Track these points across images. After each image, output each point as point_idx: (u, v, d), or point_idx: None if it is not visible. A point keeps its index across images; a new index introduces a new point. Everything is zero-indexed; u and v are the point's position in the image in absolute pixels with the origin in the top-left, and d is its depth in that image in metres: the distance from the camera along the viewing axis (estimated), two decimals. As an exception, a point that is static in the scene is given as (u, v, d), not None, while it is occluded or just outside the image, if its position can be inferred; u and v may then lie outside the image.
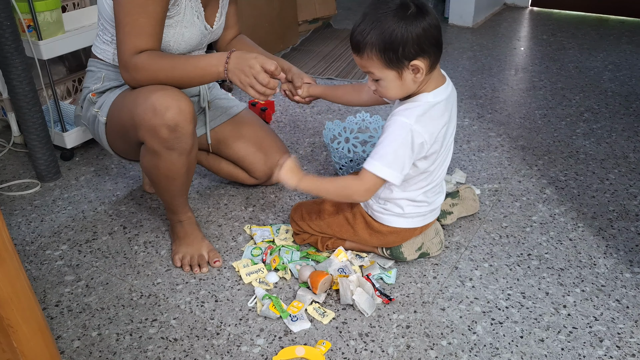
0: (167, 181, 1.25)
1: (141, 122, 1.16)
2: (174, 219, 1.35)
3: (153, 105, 1.14)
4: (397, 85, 1.09)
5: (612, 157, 1.73)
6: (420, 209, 1.22)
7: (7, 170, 1.76)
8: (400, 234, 1.25)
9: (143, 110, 1.15)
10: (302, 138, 1.91)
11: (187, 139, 1.18)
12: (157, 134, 1.15)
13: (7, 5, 1.43)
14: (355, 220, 1.26)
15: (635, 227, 1.42)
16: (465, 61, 2.57)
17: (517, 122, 1.98)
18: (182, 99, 1.16)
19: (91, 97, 1.33)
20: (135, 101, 1.18)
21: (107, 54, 1.31)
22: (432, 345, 1.10)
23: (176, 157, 1.20)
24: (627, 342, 1.10)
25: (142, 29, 1.16)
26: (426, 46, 1.06)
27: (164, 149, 1.17)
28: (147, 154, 1.21)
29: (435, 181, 1.21)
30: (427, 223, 1.26)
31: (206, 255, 1.32)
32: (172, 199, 1.31)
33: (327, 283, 1.20)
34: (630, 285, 1.23)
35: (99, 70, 1.34)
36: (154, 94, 1.15)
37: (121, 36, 1.17)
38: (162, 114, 1.13)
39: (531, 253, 1.34)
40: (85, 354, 1.11)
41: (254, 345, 1.11)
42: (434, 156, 1.14)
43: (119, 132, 1.28)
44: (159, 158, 1.20)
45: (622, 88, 2.22)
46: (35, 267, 1.34)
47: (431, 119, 1.10)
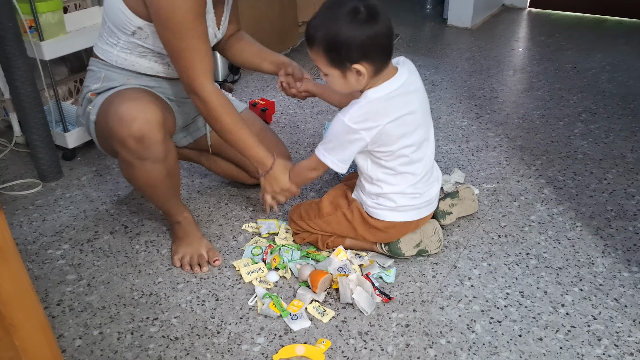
0: (149, 189, 1.26)
1: (111, 133, 1.16)
2: (171, 221, 1.36)
3: (120, 116, 1.14)
4: (342, 82, 1.13)
5: (609, 157, 1.74)
6: (414, 201, 1.23)
7: (9, 170, 1.76)
8: (396, 228, 1.26)
9: (112, 120, 1.15)
10: (302, 138, 1.92)
11: (157, 148, 1.17)
12: (125, 145, 1.15)
13: (9, 6, 1.44)
14: (353, 216, 1.27)
15: (633, 226, 1.43)
16: (463, 62, 2.58)
17: (515, 122, 1.99)
18: (149, 110, 1.15)
19: (90, 97, 1.33)
20: (109, 110, 1.18)
21: (110, 55, 1.31)
22: (431, 344, 1.11)
23: (150, 165, 1.19)
24: (626, 341, 1.10)
25: (202, 52, 1.17)
26: (370, 52, 1.07)
27: (136, 159, 1.18)
28: (122, 163, 1.22)
29: (421, 172, 1.22)
30: (422, 216, 1.27)
31: (205, 255, 1.33)
32: (162, 204, 1.31)
33: (326, 282, 1.21)
34: (628, 285, 1.24)
35: (100, 70, 1.33)
36: (123, 104, 1.16)
37: (184, 62, 1.16)
38: (128, 125, 1.13)
39: (530, 252, 1.35)
40: (87, 352, 1.11)
41: (255, 344, 1.12)
42: (402, 141, 1.15)
43: (103, 134, 1.27)
44: (134, 168, 1.20)
45: (620, 88, 2.23)
46: (37, 266, 1.35)
47: (373, 114, 1.12)
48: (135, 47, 1.25)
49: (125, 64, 1.29)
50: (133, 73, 1.30)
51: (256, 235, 1.43)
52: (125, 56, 1.28)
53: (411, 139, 1.17)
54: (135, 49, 1.26)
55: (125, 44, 1.27)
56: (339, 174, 1.64)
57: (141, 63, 1.28)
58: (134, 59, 1.27)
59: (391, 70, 1.14)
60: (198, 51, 1.17)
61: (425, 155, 1.22)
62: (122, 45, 1.27)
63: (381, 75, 1.12)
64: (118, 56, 1.30)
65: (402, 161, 1.19)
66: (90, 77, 1.35)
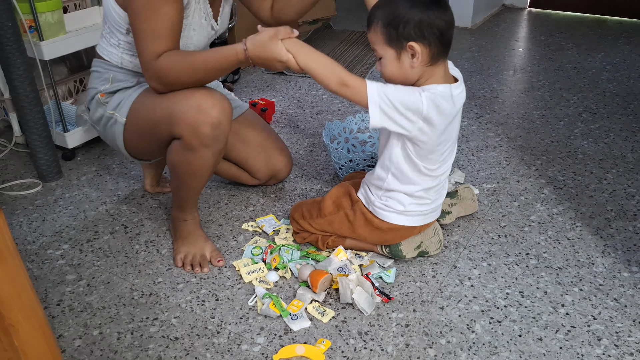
0: (192, 178, 1.26)
1: (182, 118, 1.16)
2: (179, 217, 1.36)
3: (198, 103, 1.15)
4: (395, 66, 1.09)
5: (610, 157, 1.74)
6: (422, 207, 1.23)
7: (8, 170, 1.76)
8: (399, 232, 1.25)
9: (186, 107, 1.16)
10: (302, 138, 1.92)
11: (224, 139, 1.20)
12: (199, 131, 1.16)
13: (9, 6, 1.44)
14: (355, 217, 1.27)
15: (633, 226, 1.43)
16: (464, 62, 2.58)
17: (515, 122, 1.99)
18: (225, 100, 1.18)
19: (100, 98, 1.32)
20: (174, 99, 1.18)
21: (114, 56, 1.31)
22: (431, 343, 1.11)
23: (210, 155, 1.21)
24: (625, 341, 1.10)
25: (158, 33, 1.16)
26: (427, 33, 1.05)
27: (202, 146, 1.18)
28: (181, 149, 1.21)
29: (438, 178, 1.21)
30: (427, 222, 1.27)
31: (208, 256, 1.33)
32: (188, 196, 1.32)
33: (326, 282, 1.21)
34: (628, 285, 1.24)
35: (106, 71, 1.33)
36: (198, 92, 1.17)
37: (139, 44, 1.17)
38: (207, 111, 1.15)
39: (529, 252, 1.35)
40: (87, 352, 1.11)
41: (254, 344, 1.12)
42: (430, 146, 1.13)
43: (142, 130, 1.26)
44: (194, 154, 1.20)
45: (620, 88, 2.23)
46: (36, 266, 1.35)
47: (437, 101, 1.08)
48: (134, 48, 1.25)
49: (132, 67, 1.30)
50: (139, 74, 1.31)
51: (256, 235, 1.43)
52: (130, 58, 1.29)
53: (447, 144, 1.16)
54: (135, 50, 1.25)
55: (125, 44, 1.27)
56: (338, 173, 1.64)
57: None
58: (137, 61, 1.27)
59: (449, 75, 1.13)
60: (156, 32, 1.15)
61: (446, 164, 1.21)
62: (124, 46, 1.27)
63: (437, 74, 1.10)
64: (123, 58, 1.30)
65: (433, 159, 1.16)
66: (96, 78, 1.34)
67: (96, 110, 1.34)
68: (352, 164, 1.56)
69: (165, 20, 1.16)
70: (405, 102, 1.07)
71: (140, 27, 1.15)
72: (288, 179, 1.66)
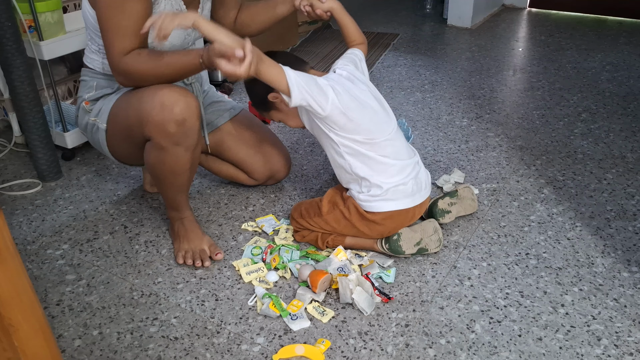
0: (172, 177, 1.26)
1: (148, 118, 1.17)
2: (175, 217, 1.36)
3: (161, 101, 1.15)
4: (285, 117, 1.32)
5: (609, 157, 1.74)
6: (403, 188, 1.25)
7: (8, 170, 1.76)
8: (394, 219, 1.26)
9: (150, 106, 1.16)
10: (302, 138, 1.92)
11: (193, 134, 1.20)
12: (164, 129, 1.16)
13: (8, 6, 1.44)
14: (350, 213, 1.28)
15: (632, 226, 1.43)
16: (463, 62, 2.58)
17: (515, 122, 1.99)
18: (188, 95, 1.18)
19: (84, 106, 1.35)
20: (141, 99, 1.19)
21: (97, 63, 1.33)
22: (430, 344, 1.11)
23: (182, 152, 1.21)
24: (625, 341, 1.10)
25: (125, 30, 1.16)
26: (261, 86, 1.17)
27: (171, 144, 1.19)
28: (153, 150, 1.22)
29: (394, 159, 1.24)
30: (416, 204, 1.28)
31: (207, 250, 1.33)
32: (175, 195, 1.32)
33: (326, 282, 1.21)
34: (628, 285, 1.24)
35: (91, 79, 1.35)
36: (161, 90, 1.16)
37: (106, 41, 1.18)
38: (170, 108, 1.15)
39: (529, 252, 1.35)
40: (86, 352, 1.11)
41: (254, 344, 1.12)
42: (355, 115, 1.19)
43: (121, 134, 1.28)
44: (166, 153, 1.20)
45: (620, 88, 2.23)
46: (36, 266, 1.35)
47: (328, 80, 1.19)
48: None
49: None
50: None
51: (256, 235, 1.43)
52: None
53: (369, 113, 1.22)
54: None
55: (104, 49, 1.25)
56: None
57: None
58: None
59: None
60: (122, 30, 1.15)
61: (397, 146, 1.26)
62: (103, 51, 1.26)
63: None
64: (104, 63, 1.31)
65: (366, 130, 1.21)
66: (83, 86, 1.37)
67: (83, 118, 1.36)
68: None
69: (130, 17, 1.16)
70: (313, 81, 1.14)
71: (107, 25, 1.16)
72: (287, 179, 1.66)
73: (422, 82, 2.35)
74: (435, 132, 1.93)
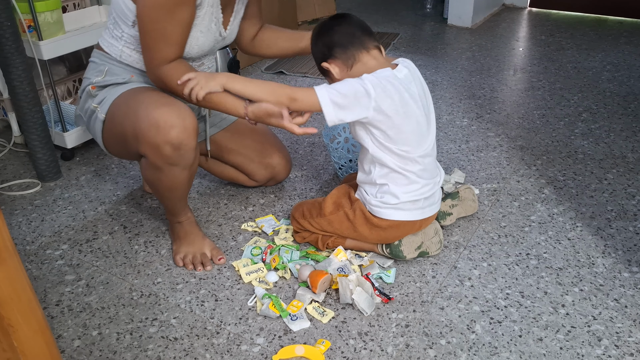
0: (169, 192, 1.26)
1: (143, 138, 1.14)
2: (173, 220, 1.36)
3: (157, 122, 1.12)
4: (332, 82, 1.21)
5: (610, 157, 1.74)
6: (417, 198, 1.22)
7: (7, 170, 1.76)
8: (399, 228, 1.25)
9: (146, 126, 1.13)
10: (302, 138, 1.92)
11: (190, 155, 1.18)
12: (159, 152, 1.14)
13: (8, 6, 1.44)
14: (355, 216, 1.27)
15: (633, 226, 1.42)
16: (464, 61, 2.58)
17: (515, 122, 1.99)
18: (186, 117, 1.14)
19: (91, 90, 1.29)
20: (138, 113, 1.15)
21: (115, 49, 1.28)
22: (431, 344, 1.11)
23: (179, 171, 1.20)
24: (626, 342, 1.10)
25: (170, 38, 1.15)
26: (327, 51, 1.20)
27: (166, 164, 1.17)
28: (148, 167, 1.20)
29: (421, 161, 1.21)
30: (426, 217, 1.26)
31: (209, 254, 1.33)
32: (173, 205, 1.31)
33: (326, 282, 1.21)
34: (628, 285, 1.24)
35: (103, 63, 1.30)
36: (158, 109, 1.13)
37: (148, 43, 1.16)
38: (166, 132, 1.11)
39: (530, 252, 1.34)
40: (86, 353, 1.11)
41: (254, 344, 1.11)
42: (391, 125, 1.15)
43: (117, 136, 1.25)
44: (161, 173, 1.19)
45: (621, 88, 2.22)
46: (35, 266, 1.35)
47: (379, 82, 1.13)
48: (137, 42, 1.24)
49: (130, 61, 1.28)
50: (137, 70, 1.29)
51: (255, 235, 1.43)
52: (130, 52, 1.27)
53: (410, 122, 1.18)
54: (138, 45, 1.24)
55: (128, 37, 1.25)
56: (338, 173, 1.63)
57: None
58: (138, 56, 1.26)
59: (389, 62, 1.20)
60: (167, 37, 1.15)
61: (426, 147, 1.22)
62: (127, 39, 1.25)
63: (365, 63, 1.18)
64: (123, 51, 1.27)
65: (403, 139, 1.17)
66: (91, 69, 1.32)
67: (85, 101, 1.32)
68: (352, 164, 1.56)
69: (178, 24, 1.15)
70: (352, 90, 1.12)
71: (152, 28, 1.14)
72: (288, 179, 1.66)
73: (422, 82, 2.35)
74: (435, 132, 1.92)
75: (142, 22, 1.15)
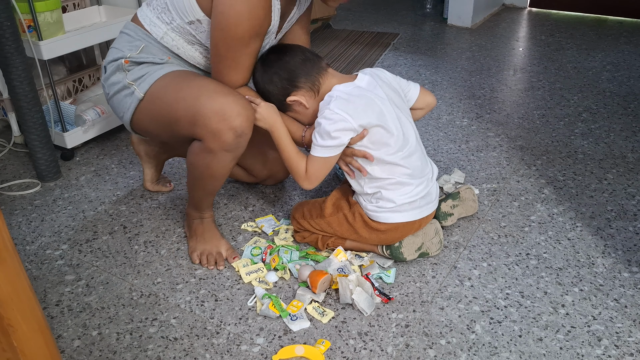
0: (209, 180, 1.25)
1: (205, 122, 1.14)
2: (195, 215, 1.35)
3: (222, 109, 1.13)
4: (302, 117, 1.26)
5: (610, 157, 1.74)
6: (413, 199, 1.23)
7: (7, 170, 1.76)
8: (398, 230, 1.25)
9: (210, 111, 1.13)
10: (302, 138, 1.92)
11: (245, 145, 1.20)
12: (221, 137, 1.14)
13: (8, 6, 1.44)
14: (354, 219, 1.27)
15: (633, 226, 1.42)
16: (464, 61, 2.58)
17: (515, 122, 1.99)
18: (249, 107, 1.17)
19: (124, 64, 1.26)
20: (198, 98, 1.15)
21: (158, 29, 1.25)
22: (431, 344, 1.11)
23: (230, 159, 1.20)
24: (626, 342, 1.10)
25: (243, 66, 1.19)
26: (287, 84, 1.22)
27: (222, 150, 1.17)
28: (200, 152, 1.20)
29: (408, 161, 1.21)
30: (424, 216, 1.26)
31: (224, 254, 1.33)
32: (204, 197, 1.31)
33: (326, 282, 1.21)
34: (628, 285, 1.24)
35: (140, 39, 1.27)
36: (224, 97, 1.14)
37: (220, 68, 1.20)
38: (231, 119, 1.13)
39: (530, 252, 1.34)
40: (86, 353, 1.11)
41: (254, 344, 1.11)
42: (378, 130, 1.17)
43: (159, 118, 1.23)
44: (214, 157, 1.19)
45: (621, 88, 2.22)
46: (35, 266, 1.35)
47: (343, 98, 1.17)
48: (187, 33, 1.23)
49: (172, 45, 1.26)
50: (174, 54, 1.28)
51: (255, 236, 1.43)
52: (174, 37, 1.25)
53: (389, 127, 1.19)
54: (187, 35, 1.24)
55: (178, 27, 1.23)
56: (338, 173, 1.63)
57: (187, 50, 1.27)
58: (182, 43, 1.26)
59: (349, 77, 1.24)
60: (240, 65, 1.19)
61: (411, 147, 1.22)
62: (176, 28, 1.24)
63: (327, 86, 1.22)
64: (167, 34, 1.25)
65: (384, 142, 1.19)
66: (125, 41, 1.28)
67: (114, 74, 1.27)
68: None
69: (251, 56, 1.20)
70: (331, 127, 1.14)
71: (226, 55, 1.18)
72: (288, 179, 1.66)
73: (422, 82, 2.35)
74: (435, 132, 1.93)
75: (217, 48, 1.18)
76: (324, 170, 1.20)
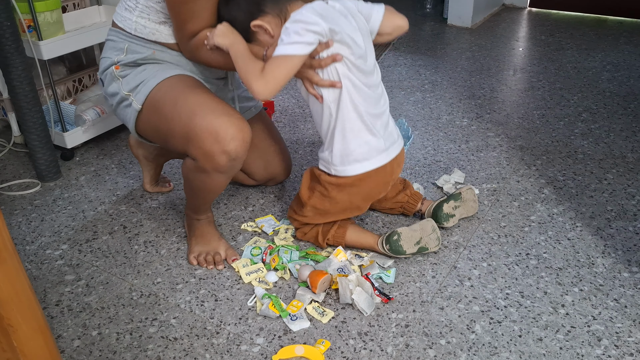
0: (205, 193, 1.26)
1: (198, 144, 1.12)
2: (193, 216, 1.35)
3: (216, 131, 1.10)
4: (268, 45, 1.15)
5: (610, 157, 1.74)
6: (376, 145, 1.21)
7: (7, 170, 1.76)
8: (372, 178, 1.24)
9: (204, 132, 1.10)
10: (302, 138, 1.92)
11: (240, 165, 1.18)
12: (214, 160, 1.13)
13: (7, 6, 1.44)
14: (327, 190, 1.26)
15: (633, 226, 1.42)
16: (464, 61, 2.58)
17: (515, 122, 1.99)
18: (244, 128, 1.13)
19: (115, 71, 1.25)
20: (193, 116, 1.12)
21: (129, 22, 1.24)
22: (430, 344, 1.11)
23: (224, 178, 1.20)
24: (626, 342, 1.10)
25: (199, 15, 1.15)
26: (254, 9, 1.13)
27: (216, 171, 1.16)
28: (194, 170, 1.19)
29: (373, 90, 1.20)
30: (392, 157, 1.24)
31: (223, 254, 1.33)
32: (201, 204, 1.31)
33: (326, 282, 1.21)
34: (628, 285, 1.24)
35: (121, 40, 1.26)
36: (218, 118, 1.11)
37: (179, 23, 1.17)
38: (225, 143, 1.10)
39: (530, 252, 1.34)
40: (86, 353, 1.11)
41: (254, 344, 1.11)
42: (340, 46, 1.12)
43: (158, 131, 1.22)
44: (208, 177, 1.19)
45: (620, 88, 2.22)
46: (35, 266, 1.35)
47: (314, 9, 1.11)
48: (153, 12, 1.21)
49: (145, 33, 1.24)
50: (157, 45, 1.25)
51: (255, 236, 1.43)
52: (145, 22, 1.23)
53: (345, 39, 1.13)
54: (154, 14, 1.22)
55: (143, 7, 1.22)
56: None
57: (162, 31, 1.24)
58: (153, 25, 1.23)
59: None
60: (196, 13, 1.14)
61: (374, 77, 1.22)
62: (141, 9, 1.22)
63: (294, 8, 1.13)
64: (137, 22, 1.23)
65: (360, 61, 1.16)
66: (110, 47, 1.28)
67: (110, 84, 1.27)
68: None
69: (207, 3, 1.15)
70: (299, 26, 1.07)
71: (180, 8, 1.14)
72: (288, 179, 1.66)
73: (422, 82, 2.35)
74: (435, 132, 1.93)
75: (171, 3, 1.15)
76: (283, 70, 1.07)
